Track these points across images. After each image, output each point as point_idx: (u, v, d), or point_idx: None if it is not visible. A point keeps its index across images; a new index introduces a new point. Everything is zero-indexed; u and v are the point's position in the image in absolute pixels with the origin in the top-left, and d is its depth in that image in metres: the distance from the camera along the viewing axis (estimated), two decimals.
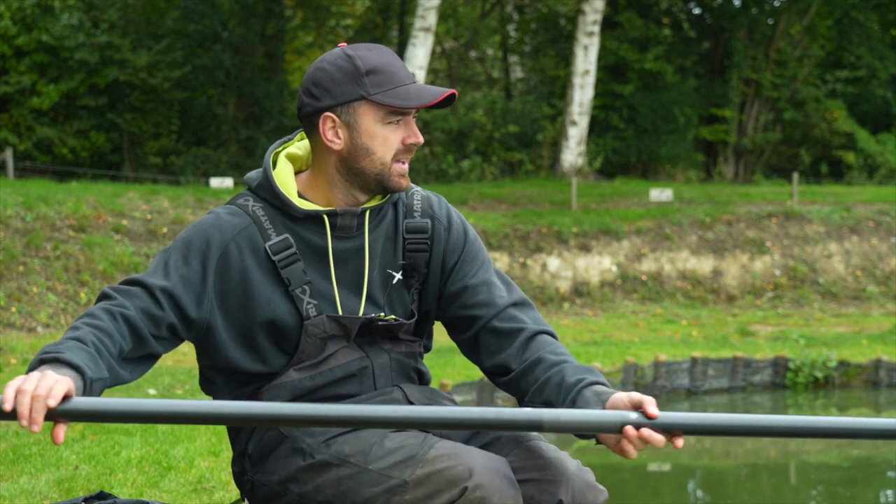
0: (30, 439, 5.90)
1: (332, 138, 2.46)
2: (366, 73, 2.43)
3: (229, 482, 5.01)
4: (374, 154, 2.46)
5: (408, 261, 2.55)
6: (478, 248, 2.63)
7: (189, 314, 2.42)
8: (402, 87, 2.44)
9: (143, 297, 2.39)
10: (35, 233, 12.53)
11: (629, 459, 2.25)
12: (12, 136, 21.55)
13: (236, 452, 2.55)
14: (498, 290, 2.57)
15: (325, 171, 2.51)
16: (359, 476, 2.32)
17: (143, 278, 2.43)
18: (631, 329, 13.96)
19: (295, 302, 2.46)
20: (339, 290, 2.49)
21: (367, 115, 2.44)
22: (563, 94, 24.84)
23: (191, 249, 2.45)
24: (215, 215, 2.50)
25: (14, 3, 21.68)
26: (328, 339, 2.49)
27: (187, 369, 9.30)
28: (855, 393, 11.54)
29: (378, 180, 2.48)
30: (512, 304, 2.56)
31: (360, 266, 2.51)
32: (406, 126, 2.48)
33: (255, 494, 2.51)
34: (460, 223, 2.62)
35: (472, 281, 2.57)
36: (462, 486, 2.21)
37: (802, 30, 26.72)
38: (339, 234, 2.50)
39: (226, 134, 23.81)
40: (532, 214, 17.29)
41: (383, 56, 2.47)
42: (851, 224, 17.49)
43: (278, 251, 2.46)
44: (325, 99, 2.45)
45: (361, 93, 2.43)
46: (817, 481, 8.46)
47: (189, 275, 2.42)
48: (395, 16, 27.19)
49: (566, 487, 2.33)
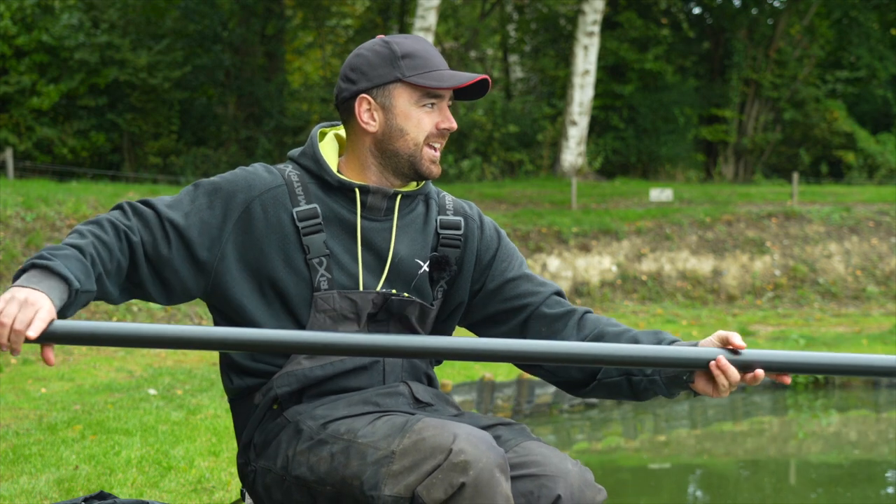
0: (30, 439, 5.90)
1: (368, 120, 2.53)
2: (402, 57, 2.52)
3: (229, 482, 5.01)
4: (408, 135, 2.52)
5: (440, 254, 2.60)
6: (512, 246, 2.72)
7: (198, 256, 2.46)
8: (437, 72, 2.54)
9: (155, 228, 2.44)
10: (35, 233, 12.53)
11: (723, 397, 2.42)
12: (12, 136, 21.55)
13: (242, 444, 2.57)
14: (539, 281, 2.67)
15: (359, 155, 2.57)
16: (348, 450, 2.36)
17: (163, 209, 2.46)
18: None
19: (310, 271, 2.49)
20: (363, 267, 2.52)
21: (402, 96, 2.52)
22: (563, 94, 24.85)
23: (218, 195, 2.49)
24: (253, 169, 2.55)
25: (14, 3, 21.68)
26: (338, 319, 2.50)
27: (187, 369, 9.30)
28: (855, 393, 11.54)
29: (411, 163, 2.54)
30: (555, 292, 2.66)
31: (384, 248, 2.54)
32: (440, 111, 2.56)
33: (257, 484, 2.53)
34: (492, 224, 2.70)
35: (512, 274, 2.65)
36: (446, 450, 2.25)
37: (802, 30, 26.72)
38: (368, 214, 2.54)
39: (226, 134, 23.81)
40: (532, 214, 17.29)
41: (419, 43, 2.56)
42: (851, 224, 17.49)
43: (304, 218, 2.50)
44: (362, 82, 2.53)
45: (397, 74, 2.51)
46: (817, 481, 8.46)
47: (209, 219, 2.47)
48: (395, 16, 27.19)
49: (565, 483, 2.34)
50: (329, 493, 2.38)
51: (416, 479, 2.26)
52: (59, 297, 2.22)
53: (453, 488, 2.23)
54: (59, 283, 2.23)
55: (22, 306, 2.16)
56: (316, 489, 2.40)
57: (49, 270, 2.23)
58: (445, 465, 2.24)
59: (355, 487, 2.32)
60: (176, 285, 2.48)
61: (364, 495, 2.31)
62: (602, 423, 9.95)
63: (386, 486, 2.28)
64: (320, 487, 2.39)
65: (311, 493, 2.41)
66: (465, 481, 2.22)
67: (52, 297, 2.20)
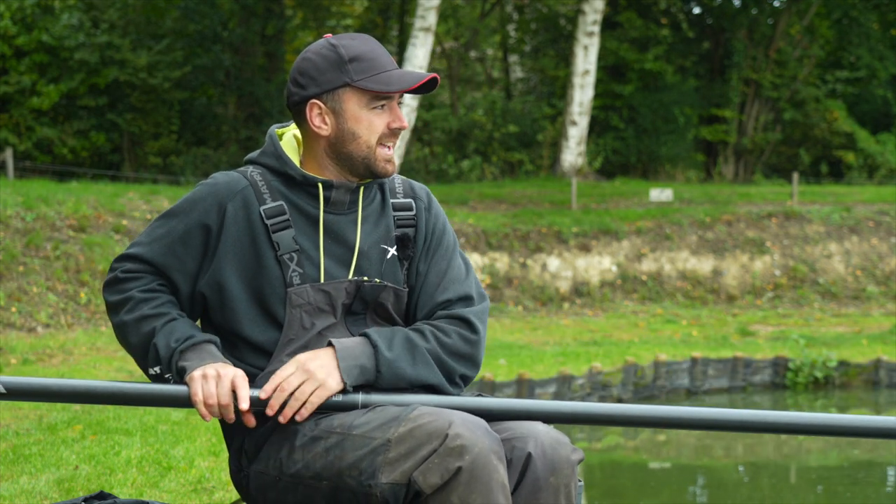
0: (30, 439, 5.90)
1: (320, 124, 2.56)
2: (349, 61, 2.53)
3: (229, 482, 5.00)
4: (360, 138, 2.55)
5: (401, 234, 2.62)
6: (449, 236, 2.70)
7: (195, 280, 2.57)
8: (385, 73, 2.54)
9: (150, 277, 2.57)
10: (35, 233, 12.52)
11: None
12: (12, 136, 21.53)
13: (233, 450, 2.57)
14: (453, 277, 2.63)
15: (316, 156, 2.60)
16: (343, 442, 2.36)
17: (151, 257, 2.57)
18: (631, 329, 13.96)
19: (282, 268, 2.52)
20: (326, 259, 2.54)
21: (351, 100, 2.54)
22: (563, 94, 24.84)
23: (190, 214, 2.55)
24: (213, 180, 2.59)
25: (14, 3, 21.67)
26: (314, 312, 2.52)
27: None
28: (855, 393, 11.54)
29: (365, 164, 2.57)
30: (451, 300, 2.61)
31: (351, 240, 2.57)
32: (390, 111, 2.57)
33: (251, 488, 2.53)
34: (438, 206, 2.72)
35: (437, 264, 2.64)
36: (442, 435, 2.25)
37: (802, 30, 26.71)
38: (332, 208, 2.57)
39: (226, 134, 23.81)
40: (532, 214, 17.28)
41: (366, 44, 2.57)
42: (851, 224, 17.48)
43: (272, 215, 2.53)
44: (311, 87, 2.55)
45: (345, 79, 2.53)
46: (817, 481, 8.46)
47: (189, 239, 2.55)
48: (395, 16, 27.19)
49: (535, 442, 2.35)
50: (326, 489, 2.38)
51: (412, 465, 2.26)
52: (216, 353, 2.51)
53: (449, 473, 2.24)
54: (208, 346, 2.51)
55: (219, 382, 2.45)
56: (312, 486, 2.39)
57: (196, 345, 2.50)
58: (441, 450, 2.25)
59: (352, 478, 2.33)
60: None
61: (361, 485, 2.31)
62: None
63: (382, 474, 2.29)
64: (317, 483, 2.39)
65: (307, 490, 2.41)
66: (461, 465, 2.23)
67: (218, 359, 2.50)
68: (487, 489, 2.24)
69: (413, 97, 18.49)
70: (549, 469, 2.33)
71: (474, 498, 2.23)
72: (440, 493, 2.25)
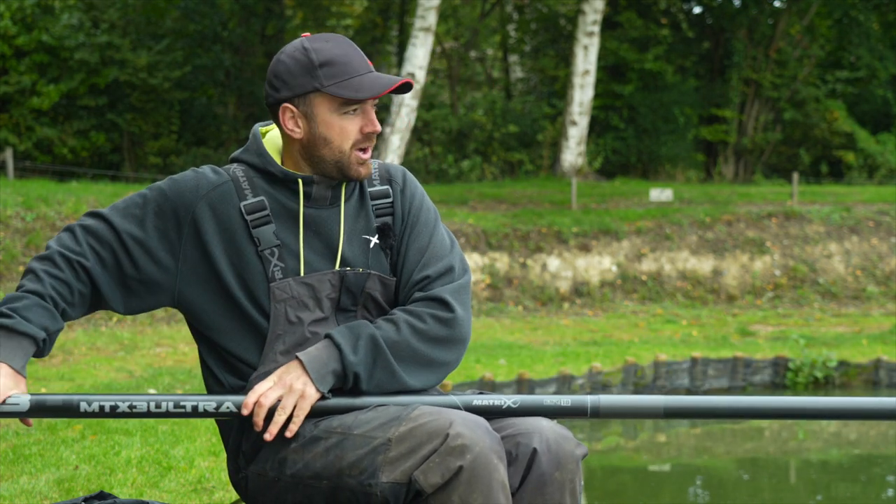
0: (30, 439, 5.90)
1: (293, 127, 2.55)
2: (320, 66, 2.51)
3: (229, 482, 5.00)
4: (332, 143, 2.54)
5: (381, 223, 2.61)
6: (426, 208, 2.66)
7: (161, 262, 2.51)
8: (356, 78, 2.51)
9: (114, 243, 2.51)
10: (35, 233, 12.53)
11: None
12: (12, 136, 21.53)
13: (230, 452, 2.56)
14: (434, 254, 2.60)
15: (293, 155, 2.59)
16: (344, 442, 2.36)
17: (118, 221, 2.52)
18: (631, 329, 13.95)
19: (263, 263, 2.51)
20: (306, 252, 2.54)
21: (322, 106, 2.53)
22: (563, 94, 24.84)
23: (167, 200, 2.53)
24: (202, 170, 2.58)
25: (14, 3, 21.66)
26: (298, 307, 2.51)
27: (188, 369, 9.30)
28: (855, 393, 11.54)
29: (338, 168, 2.56)
30: (431, 276, 2.58)
31: (334, 232, 2.56)
32: (364, 115, 2.55)
33: (250, 489, 2.53)
34: (413, 183, 2.69)
35: (409, 243, 2.61)
36: (443, 434, 2.25)
37: (802, 30, 26.71)
38: (314, 203, 2.57)
39: (226, 134, 23.81)
40: (532, 214, 17.29)
41: (339, 47, 2.54)
42: (851, 224, 17.48)
43: (252, 211, 2.53)
44: (283, 91, 2.54)
45: (315, 85, 2.51)
46: (817, 481, 8.46)
47: (163, 225, 2.51)
48: (395, 16, 27.19)
49: (540, 437, 2.35)
50: (325, 489, 2.37)
51: (412, 465, 2.26)
52: (24, 355, 2.38)
53: (450, 472, 2.23)
54: (24, 340, 2.38)
55: None
56: (312, 485, 2.39)
57: (16, 332, 2.38)
58: (442, 449, 2.24)
59: (352, 478, 2.32)
60: (143, 294, 2.53)
61: (361, 485, 2.31)
62: (602, 424, 9.95)
63: (383, 474, 2.28)
64: (317, 483, 2.38)
65: (307, 490, 2.40)
66: (462, 465, 2.23)
67: (12, 363, 2.37)
68: (488, 488, 2.24)
69: (413, 97, 18.49)
70: (554, 464, 2.33)
71: (475, 497, 2.23)
72: (441, 493, 2.25)
